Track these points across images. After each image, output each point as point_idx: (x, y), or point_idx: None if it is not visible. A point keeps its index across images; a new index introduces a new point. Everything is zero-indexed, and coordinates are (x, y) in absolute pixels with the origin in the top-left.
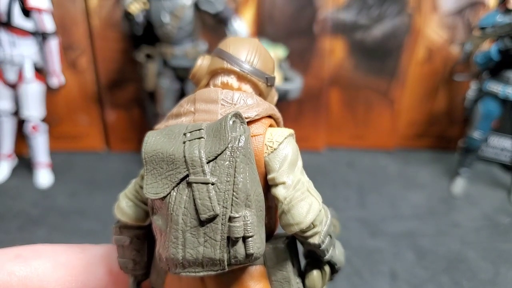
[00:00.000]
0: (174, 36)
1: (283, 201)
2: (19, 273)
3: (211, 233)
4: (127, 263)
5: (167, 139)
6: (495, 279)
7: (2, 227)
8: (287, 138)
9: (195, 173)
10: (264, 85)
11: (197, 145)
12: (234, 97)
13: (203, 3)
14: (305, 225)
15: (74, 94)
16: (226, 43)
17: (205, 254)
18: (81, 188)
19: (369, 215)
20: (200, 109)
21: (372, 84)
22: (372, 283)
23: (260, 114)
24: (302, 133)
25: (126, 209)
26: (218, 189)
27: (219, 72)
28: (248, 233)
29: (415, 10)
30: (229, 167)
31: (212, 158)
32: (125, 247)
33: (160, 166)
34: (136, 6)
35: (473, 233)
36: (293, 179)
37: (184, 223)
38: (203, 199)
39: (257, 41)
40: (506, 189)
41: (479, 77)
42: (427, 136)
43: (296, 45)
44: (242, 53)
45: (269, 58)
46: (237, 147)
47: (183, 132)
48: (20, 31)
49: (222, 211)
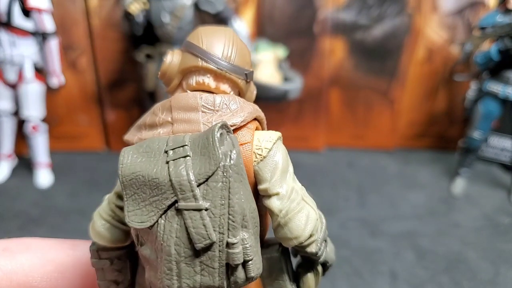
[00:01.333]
0: (174, 36)
1: (278, 214)
2: (4, 267)
3: (208, 261)
4: (109, 285)
5: (146, 158)
6: (495, 279)
7: (2, 227)
8: (275, 143)
9: (185, 198)
10: (243, 82)
11: (184, 166)
12: (216, 102)
13: (203, 3)
14: (304, 238)
15: (74, 94)
16: (197, 35)
17: (203, 283)
18: (81, 188)
19: (369, 215)
20: (178, 118)
21: (372, 84)
22: (372, 283)
23: (246, 120)
24: (302, 133)
25: (102, 231)
26: (212, 214)
27: (192, 70)
28: (248, 257)
29: (415, 10)
30: (222, 189)
31: (203, 181)
32: (105, 270)
33: (142, 191)
34: (136, 6)
35: (473, 233)
36: (286, 188)
37: (177, 254)
38: (197, 227)
39: (231, 30)
40: (506, 189)
41: (479, 77)
42: (427, 136)
43: (296, 45)
44: (218, 48)
45: (245, 50)
46: (230, 166)
47: (163, 149)
48: (20, 31)
49: (219, 237)
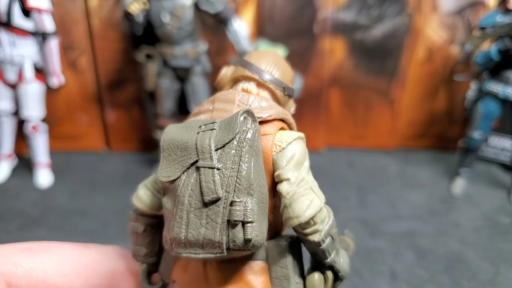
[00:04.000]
0: (174, 36)
1: (285, 196)
2: (25, 264)
3: (213, 215)
4: (139, 250)
5: (185, 130)
6: (495, 279)
7: (2, 227)
8: (296, 140)
9: (203, 158)
10: (281, 93)
11: (209, 135)
12: (250, 100)
13: (203, 3)
14: (304, 219)
15: (74, 94)
16: (250, 55)
17: (206, 236)
18: (81, 188)
19: (369, 215)
20: (217, 107)
21: (372, 84)
22: (372, 283)
23: (272, 116)
24: (302, 133)
25: (143, 197)
26: (222, 174)
27: (240, 79)
28: (247, 218)
29: (415, 10)
30: (234, 155)
31: (220, 146)
32: (139, 235)
33: (174, 152)
34: (136, 6)
35: (473, 233)
36: (297, 176)
37: (189, 204)
38: (208, 182)
39: (278, 55)
40: (506, 189)
41: (479, 77)
42: (427, 136)
43: (296, 45)
44: (263, 64)
45: (288, 71)
46: (244, 138)
47: (199, 125)
48: (20, 31)
49: (225, 195)
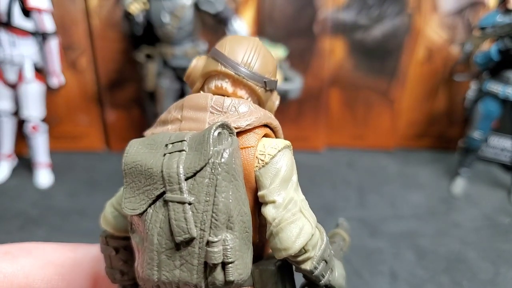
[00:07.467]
0: (174, 36)
1: (271, 222)
2: (5, 270)
3: (188, 256)
4: (114, 274)
5: (149, 150)
6: (495, 279)
7: (2, 227)
8: (281, 151)
9: (171, 190)
10: (262, 90)
11: (177, 159)
12: (225, 104)
13: (203, 3)
14: (294, 251)
15: (74, 94)
16: (223, 42)
17: (181, 278)
18: (81, 188)
19: (369, 215)
20: (187, 116)
21: (372, 84)
22: (372, 283)
23: (252, 124)
24: (302, 133)
25: (111, 219)
26: (195, 209)
27: (213, 75)
28: (228, 259)
29: (415, 10)
30: (208, 185)
31: (191, 175)
32: (112, 257)
33: (138, 179)
34: (136, 6)
35: (473, 233)
36: (284, 197)
37: (159, 244)
38: (179, 220)
39: (257, 40)
40: (506, 189)
41: (479, 77)
42: (427, 136)
43: (296, 45)
44: (239, 54)
45: (269, 60)
46: (219, 163)
47: (165, 142)
48: (20, 31)
49: (200, 234)
